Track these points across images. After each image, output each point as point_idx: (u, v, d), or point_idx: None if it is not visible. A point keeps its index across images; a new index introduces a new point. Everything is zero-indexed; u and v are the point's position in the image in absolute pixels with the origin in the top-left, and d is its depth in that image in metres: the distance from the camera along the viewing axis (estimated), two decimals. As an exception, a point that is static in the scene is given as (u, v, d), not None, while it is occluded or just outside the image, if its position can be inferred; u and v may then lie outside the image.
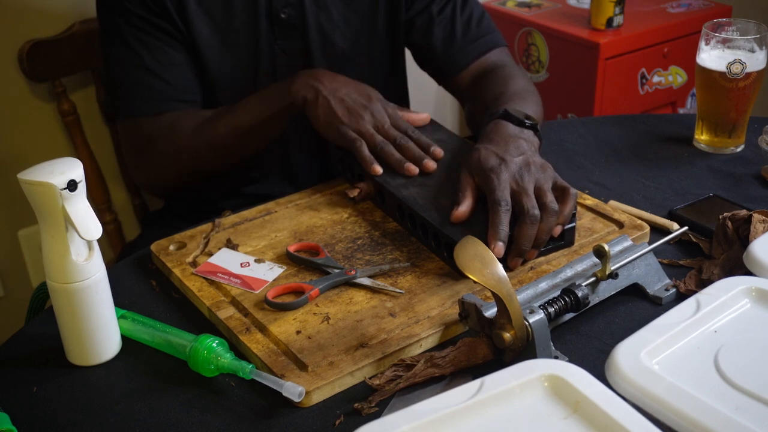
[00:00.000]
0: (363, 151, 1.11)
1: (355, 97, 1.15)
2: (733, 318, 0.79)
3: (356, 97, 1.15)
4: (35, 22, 1.65)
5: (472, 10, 1.37)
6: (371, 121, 1.14)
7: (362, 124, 1.13)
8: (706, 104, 1.27)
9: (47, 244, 0.82)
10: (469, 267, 0.81)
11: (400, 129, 1.15)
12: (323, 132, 1.15)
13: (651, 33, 2.14)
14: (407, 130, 1.16)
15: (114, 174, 1.77)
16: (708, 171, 1.22)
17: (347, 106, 1.14)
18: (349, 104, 1.14)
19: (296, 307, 0.92)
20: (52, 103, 1.71)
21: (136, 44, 1.23)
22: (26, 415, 0.81)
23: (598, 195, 1.15)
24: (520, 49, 2.26)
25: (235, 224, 1.09)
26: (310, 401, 0.81)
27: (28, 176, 0.79)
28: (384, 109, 1.17)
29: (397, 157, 1.11)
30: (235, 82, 1.30)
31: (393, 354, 0.85)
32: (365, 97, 1.16)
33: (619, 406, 0.67)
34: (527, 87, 1.27)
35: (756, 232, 0.96)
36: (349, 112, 1.13)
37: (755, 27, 1.22)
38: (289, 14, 1.28)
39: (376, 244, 1.04)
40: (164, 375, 0.86)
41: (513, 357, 0.82)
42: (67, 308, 0.84)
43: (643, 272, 0.94)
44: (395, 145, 1.13)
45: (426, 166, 1.10)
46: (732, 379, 0.71)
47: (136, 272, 1.03)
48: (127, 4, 1.22)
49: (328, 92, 1.14)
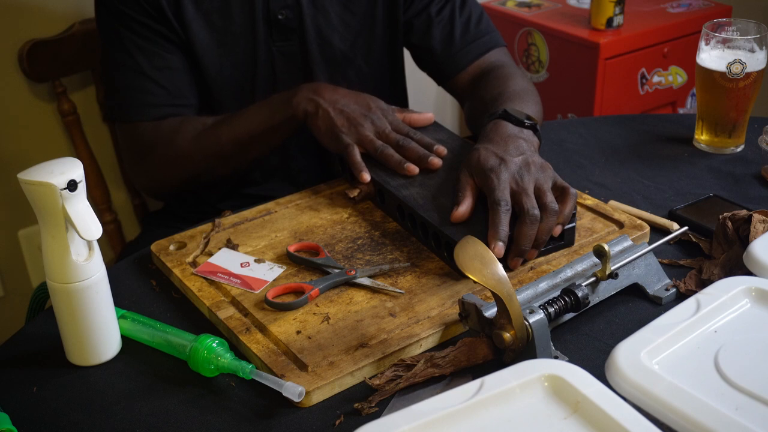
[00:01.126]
0: (354, 156, 1.12)
1: (354, 107, 1.16)
2: (733, 318, 0.79)
3: (355, 107, 1.16)
4: (35, 22, 1.65)
5: (471, 11, 1.37)
6: (371, 128, 1.15)
7: (362, 131, 1.14)
8: (706, 104, 1.27)
9: (47, 244, 0.82)
10: (469, 267, 0.81)
11: (401, 132, 1.16)
12: (325, 143, 1.16)
13: (651, 33, 2.14)
14: (408, 132, 1.16)
15: (114, 174, 1.77)
16: (708, 171, 1.22)
17: (346, 116, 1.14)
18: (349, 114, 1.15)
19: (296, 307, 0.92)
20: (52, 103, 1.71)
21: (133, 49, 1.23)
22: (26, 415, 0.81)
23: (598, 195, 1.15)
24: (520, 49, 2.26)
25: (235, 224, 1.09)
26: (310, 401, 0.81)
27: (28, 176, 0.79)
28: (384, 116, 1.17)
29: (396, 159, 1.11)
30: (233, 84, 1.30)
31: (393, 354, 0.85)
32: (364, 106, 1.17)
33: (619, 406, 0.67)
34: (527, 87, 1.27)
35: (756, 232, 0.96)
36: (348, 122, 1.14)
37: (755, 27, 1.22)
38: (287, 16, 1.28)
39: (376, 244, 1.04)
40: (164, 375, 0.86)
41: (513, 357, 0.82)
42: (67, 308, 0.84)
43: (643, 272, 0.94)
44: (397, 147, 1.13)
45: (431, 163, 1.10)
46: (732, 379, 0.71)
47: (136, 272, 1.03)
48: (124, 8, 1.22)
49: (328, 104, 1.15)
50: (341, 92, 1.18)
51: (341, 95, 1.17)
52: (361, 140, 1.13)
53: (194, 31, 1.25)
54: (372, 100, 1.18)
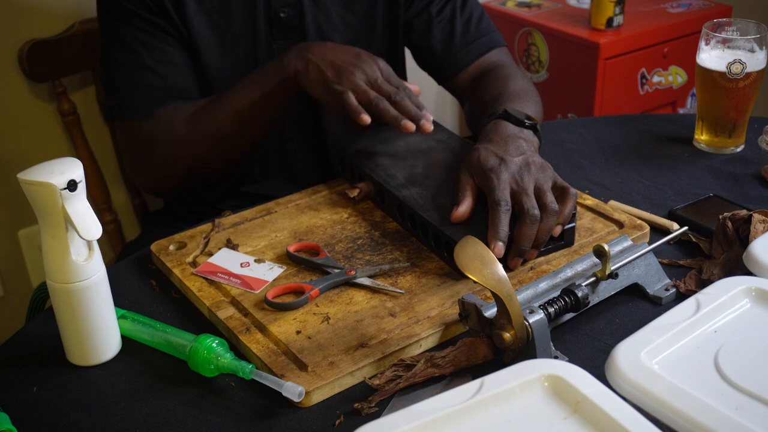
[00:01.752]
0: (351, 101, 1.10)
1: (344, 57, 1.15)
2: (733, 318, 0.79)
3: (345, 56, 1.15)
4: (35, 22, 1.65)
5: (472, 11, 1.37)
6: (362, 77, 1.13)
7: (353, 80, 1.12)
8: (706, 104, 1.27)
9: (47, 244, 0.82)
10: (469, 267, 0.81)
11: (392, 84, 1.15)
12: (317, 95, 1.15)
13: (651, 33, 2.14)
14: (399, 86, 1.15)
15: (114, 174, 1.77)
16: (708, 171, 1.22)
17: (336, 67, 1.13)
18: (338, 64, 1.13)
19: (296, 307, 0.92)
20: (52, 103, 1.71)
21: (135, 44, 1.23)
22: (26, 415, 0.81)
23: (598, 195, 1.15)
24: (520, 49, 2.26)
25: (235, 224, 1.09)
26: (310, 401, 0.81)
27: (28, 176, 0.79)
28: (375, 63, 1.16)
29: (393, 113, 1.09)
30: (234, 81, 1.29)
31: (393, 354, 0.85)
32: (354, 55, 1.16)
33: (619, 406, 0.67)
34: (526, 87, 1.27)
35: (756, 232, 0.96)
36: (338, 72, 1.13)
37: (755, 27, 1.22)
38: (288, 14, 1.28)
39: (376, 244, 1.04)
40: (164, 375, 0.86)
41: (513, 357, 0.82)
42: (67, 308, 0.84)
43: (643, 272, 0.94)
44: (390, 101, 1.11)
45: (424, 126, 1.09)
46: (732, 379, 0.71)
47: (136, 272, 1.03)
48: (126, 3, 1.22)
49: (318, 58, 1.14)
50: (330, 45, 1.17)
51: (330, 48, 1.16)
52: (354, 89, 1.11)
53: (195, 28, 1.25)
54: (362, 51, 1.17)
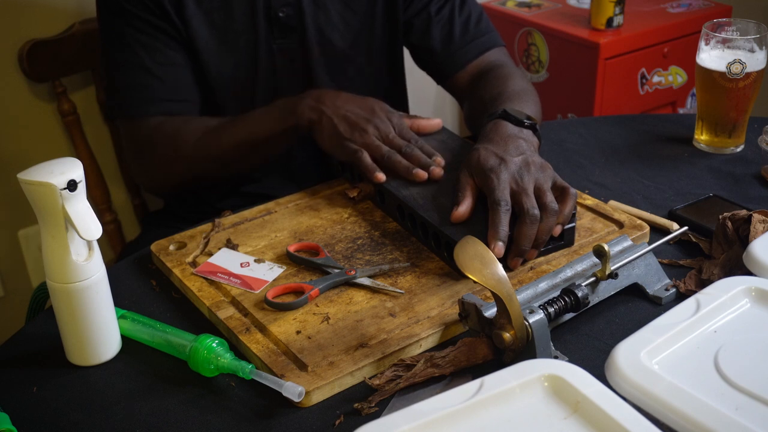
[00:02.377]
0: (365, 160, 1.11)
1: (357, 112, 1.15)
2: (733, 318, 0.79)
3: (359, 111, 1.15)
4: (35, 22, 1.65)
5: (471, 10, 1.37)
6: (375, 132, 1.13)
7: (366, 137, 1.12)
8: (706, 104, 1.27)
9: (47, 244, 0.82)
10: (469, 267, 0.81)
11: (405, 138, 1.15)
12: (330, 151, 1.15)
13: (651, 33, 2.14)
14: (411, 138, 1.15)
15: (114, 174, 1.77)
16: (708, 171, 1.22)
17: (350, 122, 1.13)
18: (352, 120, 1.14)
19: (296, 307, 0.92)
20: (52, 103, 1.71)
21: (135, 45, 1.23)
22: (26, 415, 0.81)
23: (598, 195, 1.15)
24: (520, 49, 2.26)
25: (235, 224, 1.09)
26: (310, 401, 0.81)
27: (28, 176, 0.79)
28: (388, 119, 1.16)
29: (405, 165, 1.10)
30: (234, 82, 1.30)
31: (393, 354, 0.85)
32: (368, 110, 1.16)
33: (619, 406, 0.67)
34: (526, 87, 1.27)
35: (756, 232, 0.96)
36: (351, 128, 1.13)
37: (755, 27, 1.22)
38: (288, 14, 1.28)
39: (376, 244, 1.04)
40: (164, 375, 0.86)
41: (513, 357, 0.82)
42: (67, 308, 0.84)
43: (643, 272, 0.94)
44: (402, 153, 1.12)
45: (433, 173, 1.09)
46: (732, 379, 0.71)
47: (136, 272, 1.03)
48: (126, 5, 1.22)
49: (331, 112, 1.14)
50: (344, 97, 1.17)
51: (344, 100, 1.16)
52: (367, 146, 1.12)
53: (195, 28, 1.25)
54: (376, 104, 1.18)
